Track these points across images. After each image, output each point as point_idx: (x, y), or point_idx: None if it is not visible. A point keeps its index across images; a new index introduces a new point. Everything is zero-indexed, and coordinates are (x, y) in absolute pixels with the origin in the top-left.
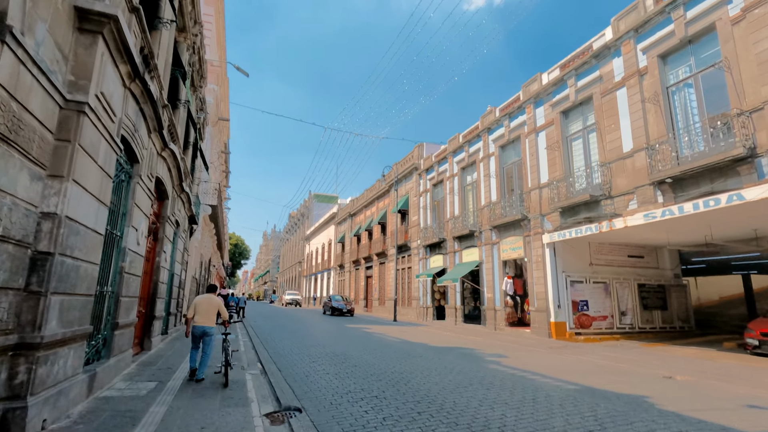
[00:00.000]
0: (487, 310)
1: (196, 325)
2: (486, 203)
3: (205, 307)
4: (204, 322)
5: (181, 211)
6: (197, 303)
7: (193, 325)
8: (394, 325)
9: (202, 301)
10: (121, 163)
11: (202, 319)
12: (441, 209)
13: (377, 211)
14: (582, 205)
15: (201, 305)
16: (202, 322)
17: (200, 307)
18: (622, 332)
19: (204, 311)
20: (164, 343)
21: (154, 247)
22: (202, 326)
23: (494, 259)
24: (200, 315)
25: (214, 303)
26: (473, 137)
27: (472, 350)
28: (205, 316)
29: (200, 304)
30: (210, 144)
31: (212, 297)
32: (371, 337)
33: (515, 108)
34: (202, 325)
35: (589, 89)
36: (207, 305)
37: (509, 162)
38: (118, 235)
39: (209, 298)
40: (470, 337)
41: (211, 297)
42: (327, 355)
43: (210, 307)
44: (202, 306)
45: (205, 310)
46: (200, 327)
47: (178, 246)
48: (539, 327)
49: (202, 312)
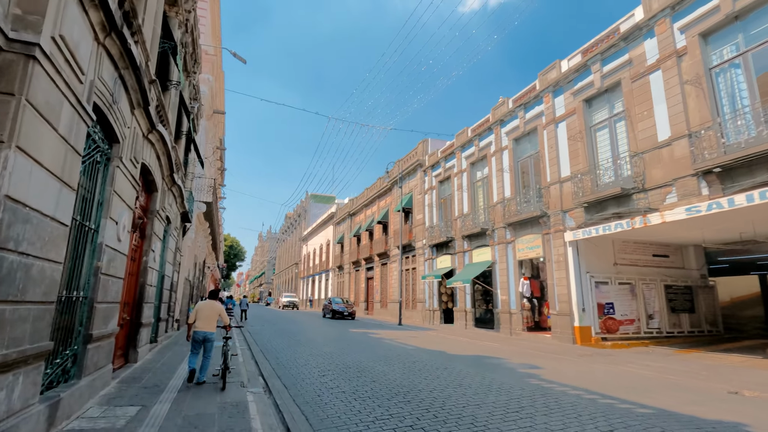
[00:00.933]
0: (501, 313)
1: (198, 331)
2: (499, 200)
3: (207, 312)
4: (205, 328)
5: (173, 207)
6: (199, 308)
7: (194, 331)
8: (401, 329)
9: (203, 306)
10: (96, 140)
11: (204, 324)
12: (448, 207)
13: (378, 210)
14: (611, 199)
15: (203, 311)
16: (203, 327)
17: (202, 312)
18: (650, 337)
19: (205, 317)
20: (153, 353)
21: (141, 246)
22: (204, 331)
23: (509, 258)
24: (201, 320)
25: (216, 308)
26: (484, 131)
27: (500, 360)
28: (207, 321)
29: (202, 309)
30: (204, 138)
31: (214, 303)
32: (381, 343)
33: (531, 98)
34: (204, 330)
35: (617, 74)
36: (209, 311)
37: (524, 155)
38: (92, 228)
39: (211, 303)
40: (487, 343)
41: (213, 303)
42: (337, 366)
43: (212, 313)
44: (203, 311)
45: (206, 316)
46: (201, 332)
47: (169, 245)
48: (561, 332)
49: (203, 317)
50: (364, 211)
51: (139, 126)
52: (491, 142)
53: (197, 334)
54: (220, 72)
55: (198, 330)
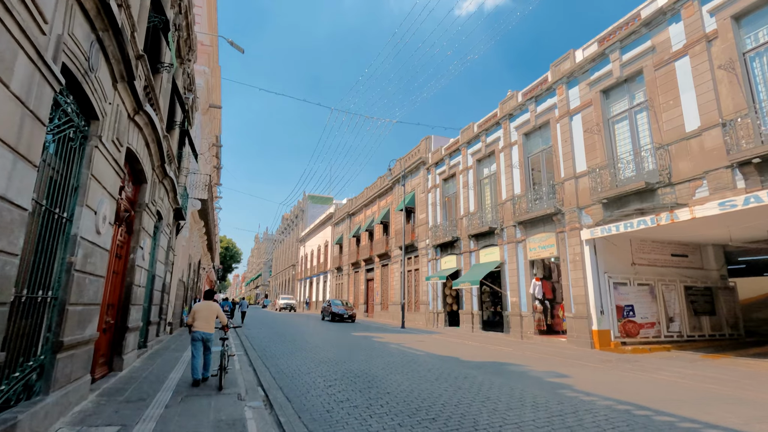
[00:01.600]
0: (511, 316)
1: (196, 331)
2: (508, 197)
3: (205, 313)
4: (204, 328)
5: (164, 202)
6: (197, 309)
7: (193, 331)
8: (405, 332)
9: (201, 307)
10: (68, 112)
11: (202, 325)
12: (453, 206)
13: (379, 210)
14: (633, 195)
15: (200, 312)
16: (201, 328)
17: (200, 313)
18: (670, 341)
19: (203, 317)
20: (142, 359)
21: (128, 242)
22: (202, 332)
23: (519, 259)
24: (200, 321)
25: (213, 309)
26: (491, 126)
27: (521, 367)
28: (205, 322)
29: (200, 310)
30: (200, 132)
31: (211, 303)
32: (387, 349)
33: (543, 90)
34: (202, 330)
35: (639, 62)
36: (206, 311)
37: (535, 150)
38: (63, 217)
39: (208, 304)
40: (499, 347)
41: (209, 303)
42: (344, 375)
43: (209, 313)
44: (201, 312)
45: (204, 317)
46: (200, 333)
47: (161, 242)
48: (578, 336)
49: (201, 318)
50: (364, 211)
51: (123, 104)
52: (499, 138)
53: (196, 334)
54: (217, 66)
55: (196, 331)
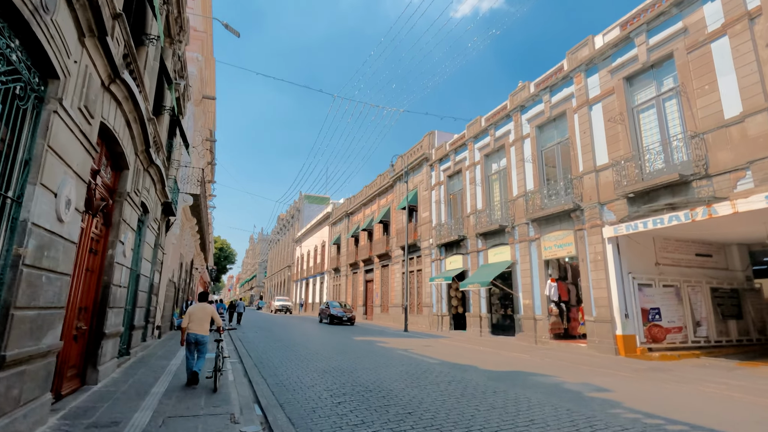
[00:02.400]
0: (523, 319)
1: (191, 333)
2: (520, 193)
3: (200, 315)
4: (198, 330)
5: (151, 193)
6: (191, 312)
7: (187, 333)
8: (409, 336)
9: (196, 309)
10: (12, 61)
11: (197, 327)
12: (459, 203)
13: (379, 209)
14: (663, 188)
15: (195, 314)
16: (196, 329)
17: (194, 315)
18: (698, 346)
19: (198, 319)
20: (123, 369)
21: (106, 235)
22: (196, 334)
23: (532, 258)
24: (194, 323)
25: (208, 311)
26: (500, 119)
27: (551, 379)
28: (199, 324)
29: (194, 312)
30: (192, 124)
31: (206, 305)
32: (395, 355)
33: (558, 79)
34: (196, 332)
35: (668, 45)
36: (201, 313)
37: (550, 143)
38: (8, 198)
39: (203, 306)
40: (515, 354)
41: (204, 305)
42: (354, 388)
43: (204, 315)
44: (196, 314)
45: (199, 318)
46: (193, 335)
47: (147, 239)
48: (600, 341)
49: (196, 320)
50: (363, 210)
51: (93, 66)
52: (510, 131)
53: (190, 336)
54: (211, 57)
55: (191, 332)
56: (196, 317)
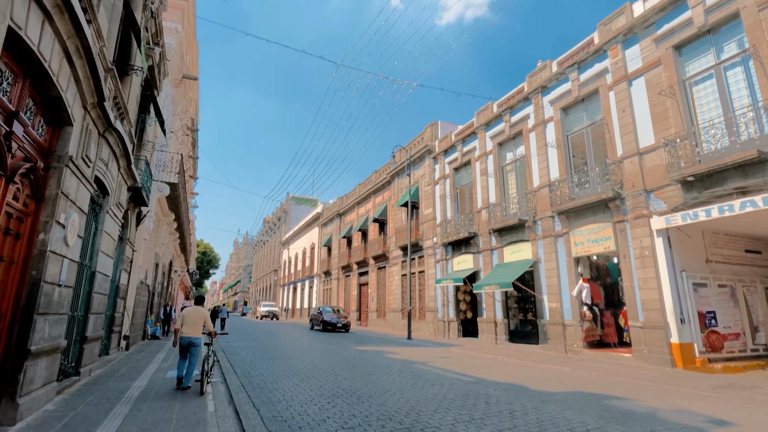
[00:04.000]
0: (549, 325)
1: (183, 336)
2: (542, 184)
3: (193, 318)
4: (191, 333)
5: (111, 169)
6: (185, 315)
7: (180, 336)
8: (417, 345)
9: (189, 312)
10: None
11: (189, 330)
12: (467, 197)
13: (374, 207)
14: (734, 168)
15: (188, 317)
16: (189, 332)
17: (188, 318)
18: (756, 356)
19: (191, 322)
20: (63, 398)
21: (36, 213)
22: (189, 337)
23: (559, 256)
24: (187, 326)
25: (201, 314)
26: (517, 103)
27: (635, 405)
28: (192, 327)
29: (188, 315)
30: (171, 106)
31: (199, 309)
32: (416, 372)
33: (588, 54)
34: (189, 335)
35: (733, 4)
36: (194, 317)
37: (577, 127)
38: None
39: (197, 309)
40: (549, 366)
41: (198, 309)
42: (379, 421)
43: (197, 319)
44: (189, 317)
45: (192, 321)
46: (187, 338)
47: (107, 227)
48: (650, 350)
49: (189, 323)
50: (356, 210)
51: None
52: (528, 115)
53: (183, 339)
54: (194, 39)
55: (184, 335)
56: (189, 320)
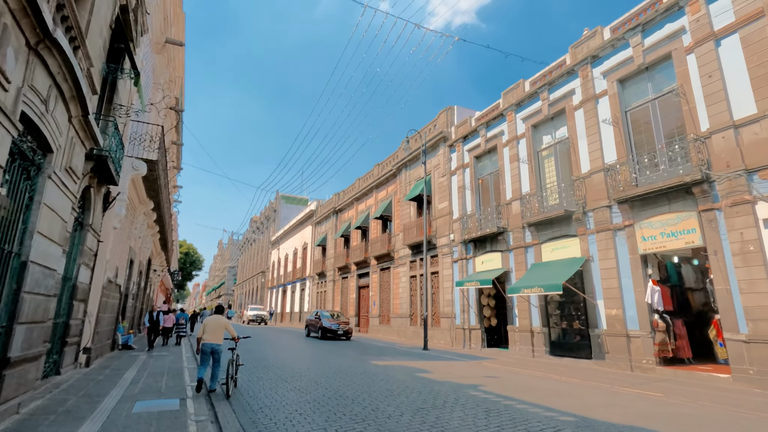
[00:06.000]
0: (606, 336)
1: (206, 343)
2: (594, 168)
3: (213, 326)
4: (213, 340)
5: (54, 113)
6: (207, 323)
7: (202, 343)
8: (439, 358)
9: (210, 321)
10: None
11: (211, 337)
12: (491, 188)
13: (377, 203)
14: None
15: (209, 325)
16: (211, 339)
17: (209, 326)
18: None
19: (212, 330)
20: None
21: None
22: (211, 344)
23: (620, 253)
24: (209, 334)
25: (222, 323)
26: (557, 78)
27: None
28: (213, 334)
29: (209, 324)
30: (151, 72)
31: (220, 317)
32: (477, 402)
33: (655, 14)
34: (211, 342)
35: None
36: (215, 325)
37: (639, 101)
38: None
39: (217, 318)
40: (626, 389)
41: (218, 317)
42: None
43: (218, 327)
44: (210, 326)
45: (212, 329)
46: (209, 344)
47: (51, 200)
48: (759, 371)
49: (210, 331)
50: (356, 206)
51: None
52: (574, 90)
53: (205, 346)
54: (180, 11)
55: (206, 342)
56: (209, 328)
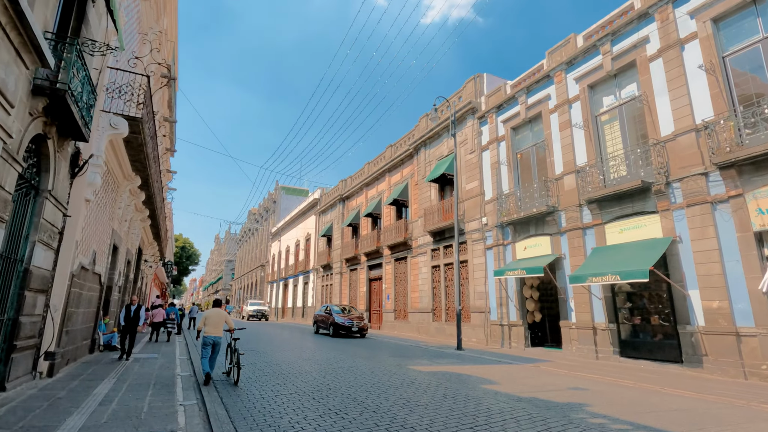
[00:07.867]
0: (704, 334)
1: (207, 335)
2: (680, 129)
3: (214, 319)
4: (213, 333)
5: None
6: (207, 316)
7: (204, 336)
8: (480, 360)
9: (211, 314)
10: None
11: (212, 329)
12: (534, 163)
13: (389, 188)
14: None
15: (210, 318)
16: (212, 332)
17: (210, 320)
18: None
19: (213, 323)
20: None
21: None
22: (213, 336)
23: (720, 231)
24: (210, 326)
25: (222, 316)
26: (622, 26)
27: None
28: (214, 327)
29: (210, 317)
30: (135, 15)
31: (220, 311)
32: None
33: None
34: (212, 335)
35: None
36: (216, 318)
37: (743, 43)
38: None
39: (218, 311)
40: (759, 404)
41: (219, 311)
42: None
43: (219, 320)
44: (211, 319)
45: (214, 322)
46: (211, 337)
47: None
48: None
49: (211, 324)
50: (365, 192)
51: None
52: (647, 38)
53: (207, 338)
54: None
55: (208, 335)
56: (211, 321)
